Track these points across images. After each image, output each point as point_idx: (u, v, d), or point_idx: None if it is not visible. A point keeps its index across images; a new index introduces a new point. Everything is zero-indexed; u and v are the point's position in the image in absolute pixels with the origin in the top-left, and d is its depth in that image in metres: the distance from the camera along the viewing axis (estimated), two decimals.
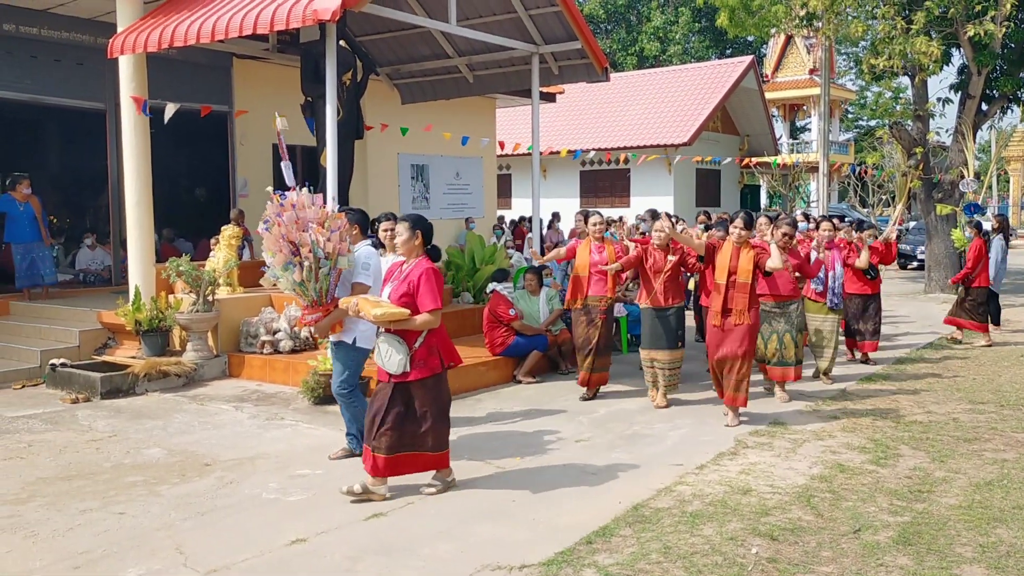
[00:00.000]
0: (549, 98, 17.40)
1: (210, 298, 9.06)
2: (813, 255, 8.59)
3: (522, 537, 4.73)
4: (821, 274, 8.72)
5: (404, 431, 5.26)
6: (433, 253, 5.56)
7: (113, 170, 11.77)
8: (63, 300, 10.81)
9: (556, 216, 21.25)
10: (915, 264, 22.76)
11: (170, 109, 9.56)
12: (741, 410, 7.21)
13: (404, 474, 5.41)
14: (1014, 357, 10.33)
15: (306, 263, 5.80)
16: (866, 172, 25.77)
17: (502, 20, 11.20)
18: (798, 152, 34.10)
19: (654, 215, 8.05)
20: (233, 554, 4.51)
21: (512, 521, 4.98)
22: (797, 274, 8.14)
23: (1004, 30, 15.15)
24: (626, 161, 26.51)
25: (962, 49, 16.62)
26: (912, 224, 25.72)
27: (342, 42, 9.59)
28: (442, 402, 5.41)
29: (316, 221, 5.88)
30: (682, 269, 7.83)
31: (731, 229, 7.23)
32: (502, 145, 15.75)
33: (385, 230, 6.83)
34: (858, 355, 9.96)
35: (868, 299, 9.83)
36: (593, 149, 22.42)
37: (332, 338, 6.05)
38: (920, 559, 4.43)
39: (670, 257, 7.69)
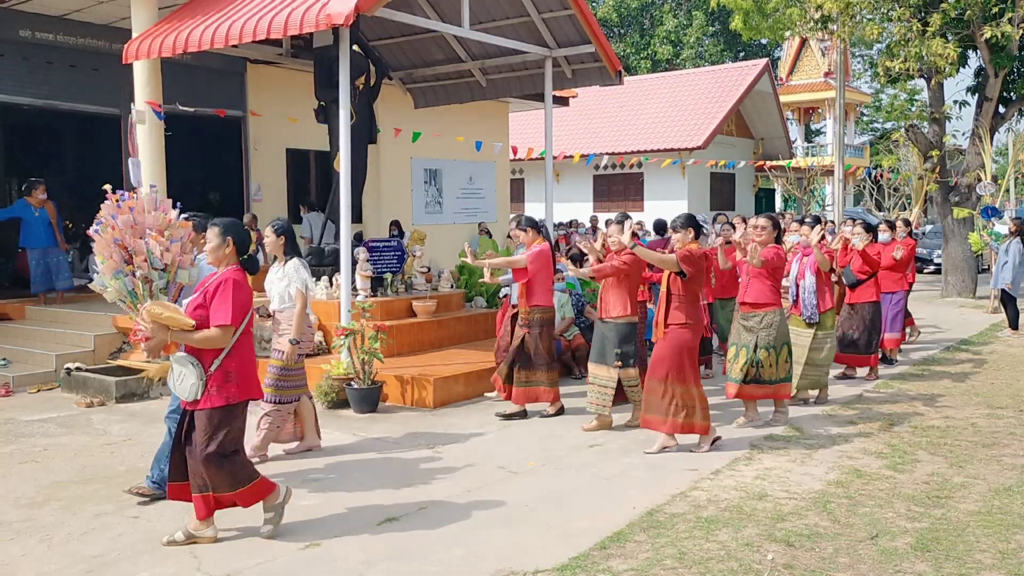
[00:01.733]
0: (562, 102, 17.39)
1: None
2: (795, 266, 7.95)
3: (536, 542, 4.71)
4: (790, 284, 7.97)
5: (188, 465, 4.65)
6: (249, 265, 4.83)
7: (128, 175, 11.82)
8: (78, 304, 10.86)
9: (594, 220, 20.43)
10: (932, 268, 22.60)
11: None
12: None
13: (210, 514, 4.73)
14: None
15: (139, 273, 5.31)
16: (882, 175, 25.62)
17: (515, 24, 11.19)
18: (813, 155, 33.91)
19: (620, 221, 7.43)
20: (246, 558, 4.50)
21: (525, 526, 4.95)
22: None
23: (1021, 32, 15.02)
24: (639, 165, 26.45)
25: (979, 51, 16.50)
26: (928, 228, 25.55)
27: (355, 46, 9.62)
28: (230, 439, 4.61)
29: (155, 228, 5.42)
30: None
31: (670, 234, 6.67)
32: (515, 150, 15.73)
33: (265, 237, 6.43)
34: (861, 371, 9.26)
35: (853, 308, 9.15)
36: (606, 153, 22.34)
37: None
38: (938, 565, 4.37)
39: (613, 263, 7.05)
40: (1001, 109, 17.47)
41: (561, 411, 7.56)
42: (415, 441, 6.84)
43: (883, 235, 10.03)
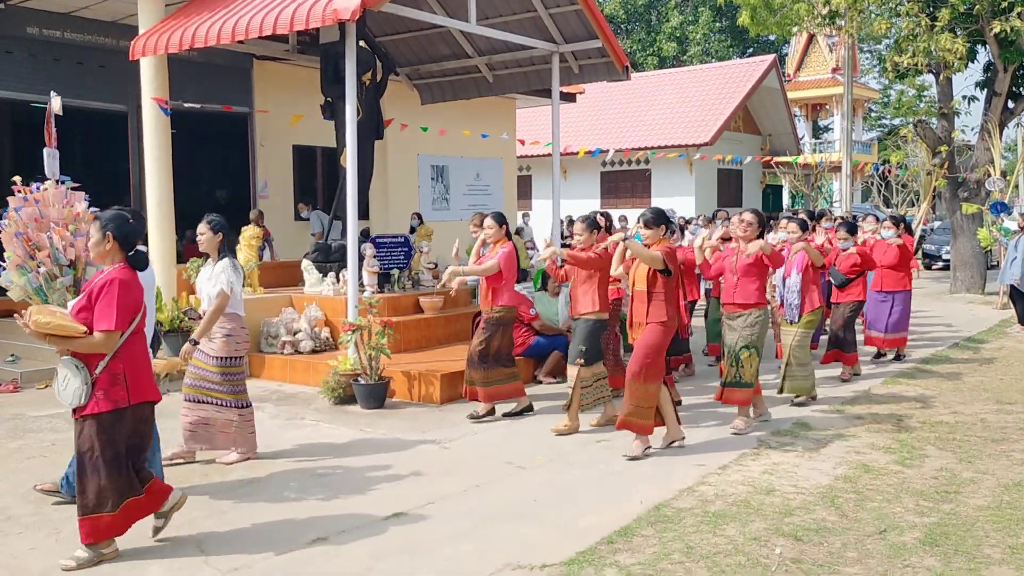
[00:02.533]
0: (569, 98, 17.35)
1: None
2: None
3: (543, 537, 4.70)
4: (778, 283, 7.82)
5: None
6: (136, 261, 4.45)
7: (135, 172, 11.85)
8: None
9: (624, 219, 19.96)
10: (940, 264, 22.52)
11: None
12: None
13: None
14: None
15: (43, 269, 5.01)
16: (890, 171, 25.52)
17: (522, 19, 11.17)
18: (820, 152, 33.80)
19: (586, 220, 7.15)
20: (254, 553, 4.51)
21: (533, 521, 4.95)
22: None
23: None
24: (647, 161, 26.41)
25: (988, 46, 16.42)
26: (937, 224, 25.44)
27: (362, 42, 9.60)
28: (115, 449, 4.32)
29: (60, 222, 5.14)
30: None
31: (639, 231, 6.34)
32: (522, 142, 15.70)
33: (200, 234, 6.13)
34: (824, 372, 8.89)
35: (837, 307, 9.14)
36: (613, 149, 22.31)
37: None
38: (947, 560, 4.35)
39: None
40: (1010, 104, 17.38)
41: (529, 408, 7.45)
42: (422, 437, 6.84)
43: (887, 232, 9.96)
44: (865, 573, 4.20)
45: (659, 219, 6.22)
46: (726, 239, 8.43)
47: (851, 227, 9.40)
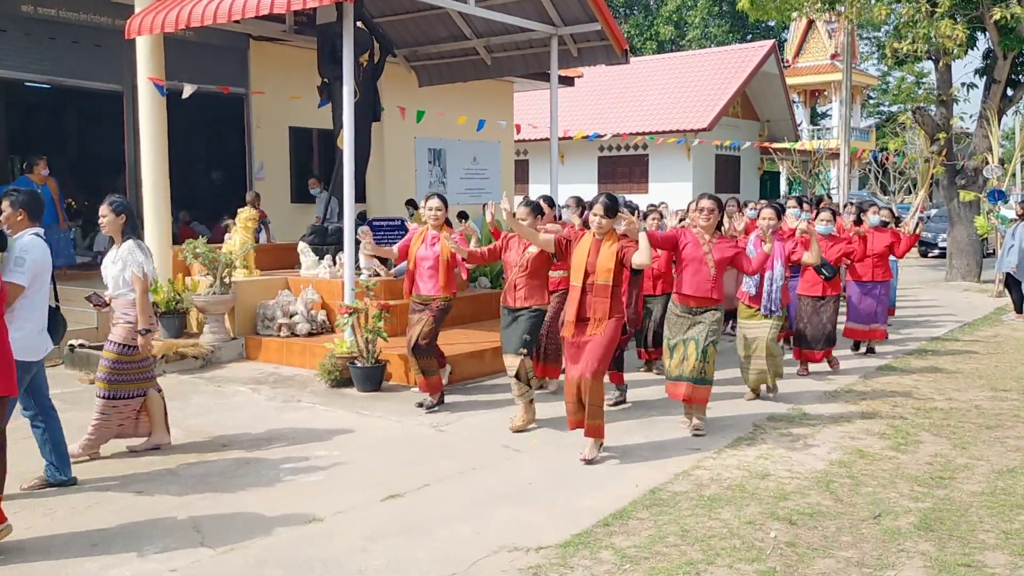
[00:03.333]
0: (567, 82, 17.28)
1: (227, 280, 9.06)
2: (750, 248, 7.15)
3: (539, 519, 4.71)
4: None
5: None
6: None
7: (130, 152, 11.79)
8: (81, 282, 10.84)
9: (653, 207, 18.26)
10: (936, 252, 22.54)
11: (188, 89, 9.56)
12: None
13: None
14: None
15: None
16: (887, 158, 25.50)
17: (521, 1, 11.10)
18: (819, 138, 33.79)
19: (528, 204, 6.81)
20: (250, 533, 4.51)
21: (529, 504, 4.95)
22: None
23: None
24: (644, 147, 26.35)
25: (987, 33, 16.37)
26: (934, 211, 25.45)
27: (359, 23, 9.53)
28: None
29: None
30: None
31: (591, 217, 5.82)
32: (518, 128, 15.64)
33: (102, 216, 5.86)
34: (812, 366, 8.59)
35: (821, 302, 8.49)
36: (611, 134, 22.26)
37: None
38: (942, 545, 4.37)
39: (530, 250, 6.55)
40: (1009, 92, 17.35)
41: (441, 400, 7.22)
42: (418, 420, 6.84)
43: (874, 218, 9.60)
44: (859, 557, 4.22)
45: (616, 207, 5.78)
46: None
47: (833, 212, 8.92)
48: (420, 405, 7.13)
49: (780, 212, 7.43)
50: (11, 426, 4.62)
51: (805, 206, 10.35)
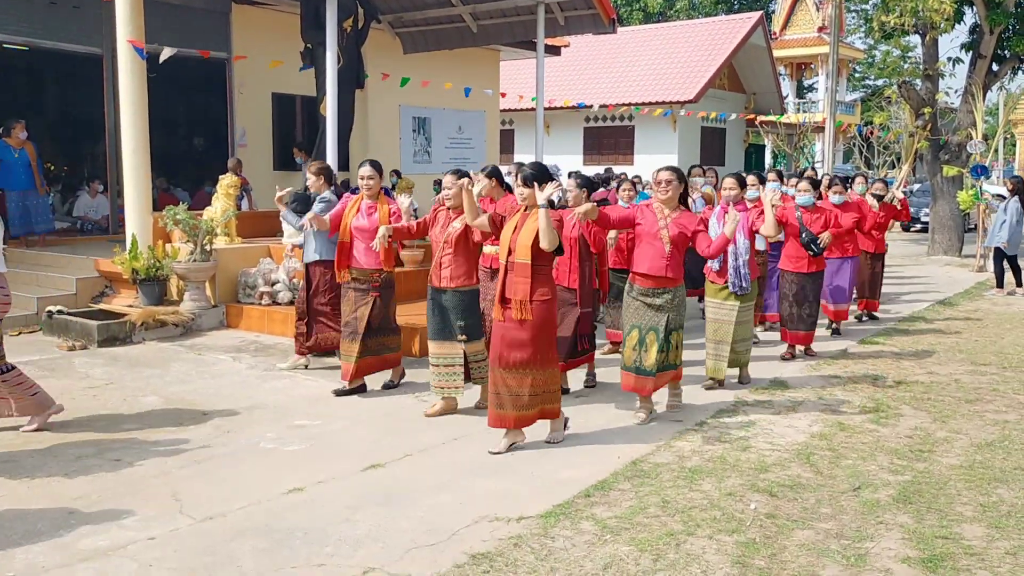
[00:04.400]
0: (554, 51, 17.14)
1: (208, 248, 8.97)
2: (714, 225, 6.63)
3: (521, 490, 4.71)
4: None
5: None
6: None
7: (110, 117, 11.61)
8: (60, 248, 10.72)
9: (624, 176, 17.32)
10: (919, 226, 22.64)
11: (166, 52, 9.39)
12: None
13: None
14: (1017, 319, 10.27)
15: None
16: (872, 133, 25.52)
17: None
18: (804, 111, 33.74)
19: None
20: (229, 502, 4.48)
21: (511, 475, 4.95)
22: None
23: None
24: (630, 118, 26.22)
25: (975, 7, 16.32)
26: (917, 186, 25.54)
27: None
28: None
29: None
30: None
31: (515, 188, 5.47)
32: (504, 95, 15.51)
33: None
34: (799, 349, 8.13)
35: (804, 279, 7.96)
36: (598, 104, 22.14)
37: None
38: (920, 517, 4.40)
39: (454, 225, 5.96)
40: (995, 67, 17.34)
41: (401, 376, 6.93)
42: (401, 390, 6.81)
43: (835, 197, 8.80)
44: (838, 529, 4.24)
45: (546, 178, 5.24)
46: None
47: (815, 182, 8.45)
48: (344, 393, 6.59)
49: (743, 182, 6.97)
50: None
51: (799, 181, 10.02)
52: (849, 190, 9.71)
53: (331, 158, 8.44)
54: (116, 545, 3.97)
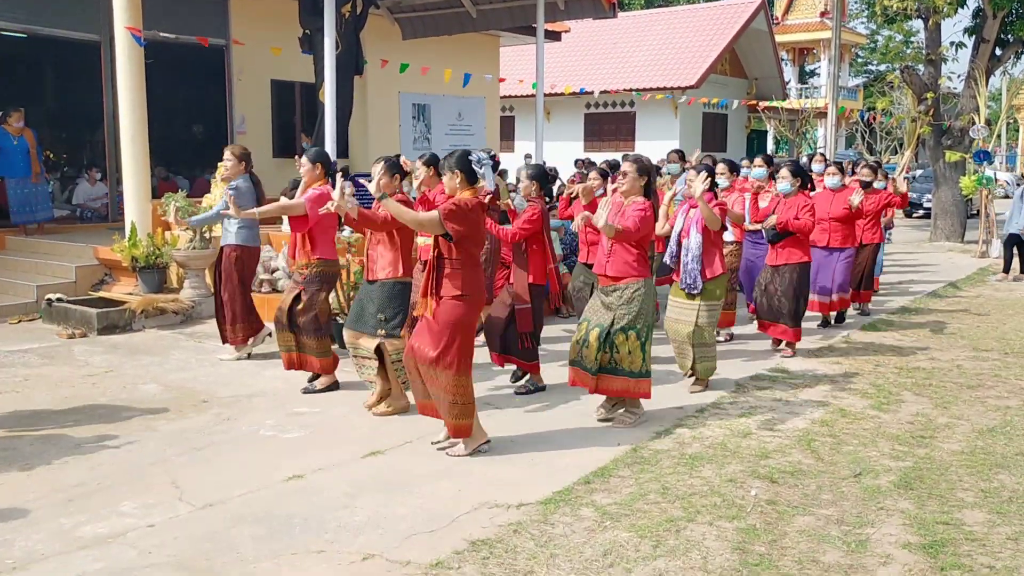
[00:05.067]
0: (554, 37, 17.05)
1: (207, 235, 8.94)
2: (680, 219, 6.27)
3: (520, 477, 4.70)
4: (671, 244, 6.33)
5: None
6: None
7: (108, 104, 11.56)
8: (60, 235, 10.69)
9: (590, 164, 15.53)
10: (921, 212, 22.58)
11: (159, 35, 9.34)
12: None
13: None
14: (1020, 305, 10.24)
15: None
16: (875, 118, 25.41)
17: None
18: (807, 97, 33.59)
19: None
20: (229, 489, 4.47)
21: (510, 462, 4.94)
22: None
23: None
24: (631, 104, 26.12)
25: None
26: (919, 172, 25.44)
27: None
28: None
29: None
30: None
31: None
32: (501, 81, 15.43)
33: None
34: (783, 345, 7.67)
35: (776, 270, 7.51)
36: (598, 90, 22.04)
37: None
38: (921, 503, 4.39)
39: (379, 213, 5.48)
40: (998, 51, 17.23)
41: (335, 386, 6.42)
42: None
43: (831, 179, 8.53)
44: (839, 515, 4.23)
45: (460, 164, 4.88)
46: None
47: (797, 170, 7.71)
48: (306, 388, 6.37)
49: (710, 172, 6.18)
50: None
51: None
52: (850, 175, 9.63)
53: (330, 145, 8.41)
54: (116, 532, 3.97)
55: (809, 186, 7.71)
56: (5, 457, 4.92)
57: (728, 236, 7.44)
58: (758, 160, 8.63)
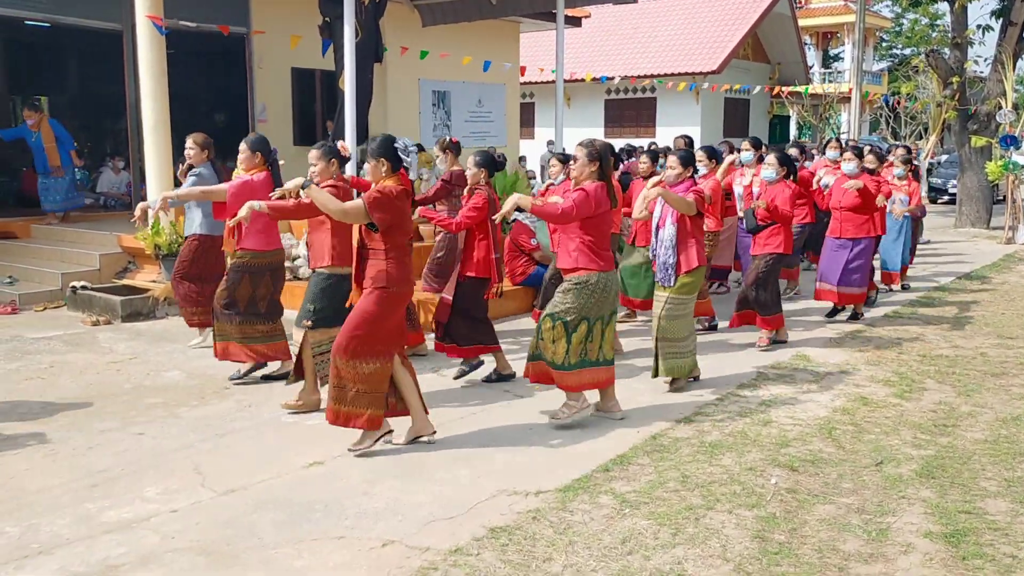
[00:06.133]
0: (574, 22, 16.95)
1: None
2: (640, 205, 6.00)
3: (539, 464, 4.71)
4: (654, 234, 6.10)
5: None
6: None
7: (131, 93, 11.63)
8: (84, 224, 10.80)
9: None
10: (946, 198, 22.31)
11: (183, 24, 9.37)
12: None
13: None
14: None
15: None
16: (899, 103, 25.10)
17: None
18: (830, 82, 33.23)
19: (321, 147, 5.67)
20: (250, 475, 4.52)
21: (529, 448, 4.95)
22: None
23: None
24: (652, 90, 25.96)
25: None
26: (944, 157, 25.13)
27: None
28: None
29: None
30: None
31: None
32: (523, 71, 15.37)
33: None
34: (766, 335, 7.33)
35: (754, 260, 7.32)
36: (619, 76, 21.92)
37: None
38: (943, 492, 4.35)
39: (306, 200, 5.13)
40: None
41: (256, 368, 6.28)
42: (418, 364, 6.80)
43: (847, 165, 8.19)
44: (860, 504, 4.21)
45: (381, 151, 4.72)
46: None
47: (784, 158, 7.38)
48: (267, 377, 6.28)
49: (685, 160, 6.03)
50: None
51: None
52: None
53: (349, 133, 8.41)
54: (139, 517, 4.02)
55: (792, 176, 7.34)
56: (31, 443, 4.99)
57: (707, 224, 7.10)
58: (745, 144, 8.55)
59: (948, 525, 3.98)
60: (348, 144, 8.36)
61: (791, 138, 31.03)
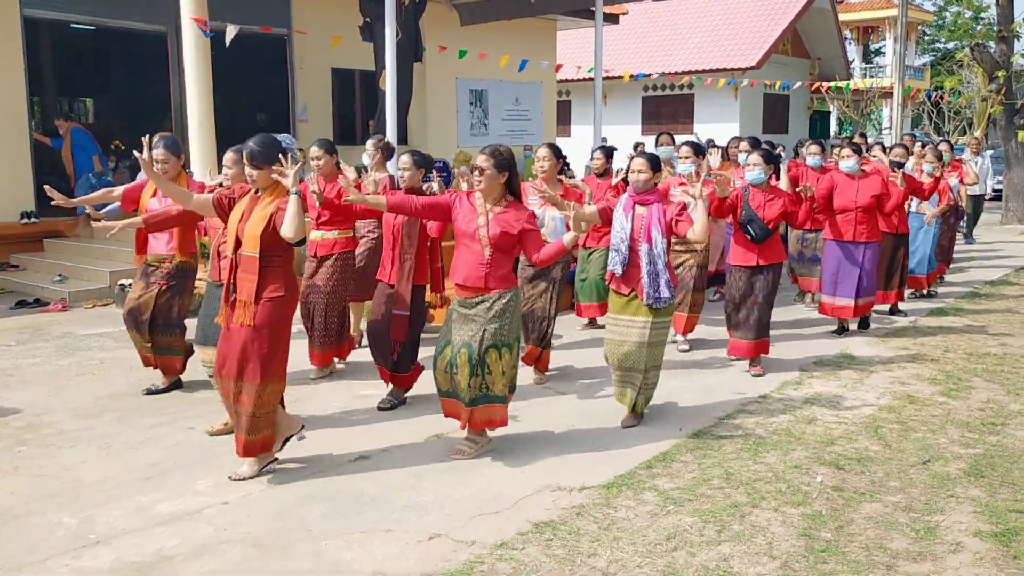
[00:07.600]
0: (612, 20, 16.93)
1: None
2: (619, 216, 5.15)
3: (581, 461, 4.72)
4: (613, 248, 5.19)
5: None
6: None
7: (176, 94, 11.84)
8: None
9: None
10: (991, 194, 21.89)
11: (231, 31, 9.51)
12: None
13: None
14: None
15: None
16: (942, 97, 24.69)
17: None
18: (871, 77, 32.76)
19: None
20: (301, 469, 4.59)
21: (571, 445, 4.97)
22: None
23: None
24: (690, 86, 25.79)
25: None
26: (990, 152, 24.67)
27: None
28: None
29: None
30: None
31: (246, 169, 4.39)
32: (558, 68, 15.37)
33: None
34: (748, 363, 6.54)
35: (755, 273, 6.35)
36: (656, 73, 21.80)
37: None
38: (992, 491, 4.30)
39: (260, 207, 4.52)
40: None
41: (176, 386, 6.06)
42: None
43: (847, 163, 7.49)
44: (907, 502, 4.17)
45: (251, 158, 4.29)
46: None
47: (769, 155, 6.52)
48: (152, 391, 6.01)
49: (655, 163, 5.24)
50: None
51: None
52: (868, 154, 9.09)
53: (390, 131, 8.49)
54: (192, 510, 4.11)
55: (775, 175, 6.77)
56: (85, 437, 5.11)
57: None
58: (744, 144, 8.34)
59: (999, 524, 3.93)
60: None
61: (831, 134, 30.65)
